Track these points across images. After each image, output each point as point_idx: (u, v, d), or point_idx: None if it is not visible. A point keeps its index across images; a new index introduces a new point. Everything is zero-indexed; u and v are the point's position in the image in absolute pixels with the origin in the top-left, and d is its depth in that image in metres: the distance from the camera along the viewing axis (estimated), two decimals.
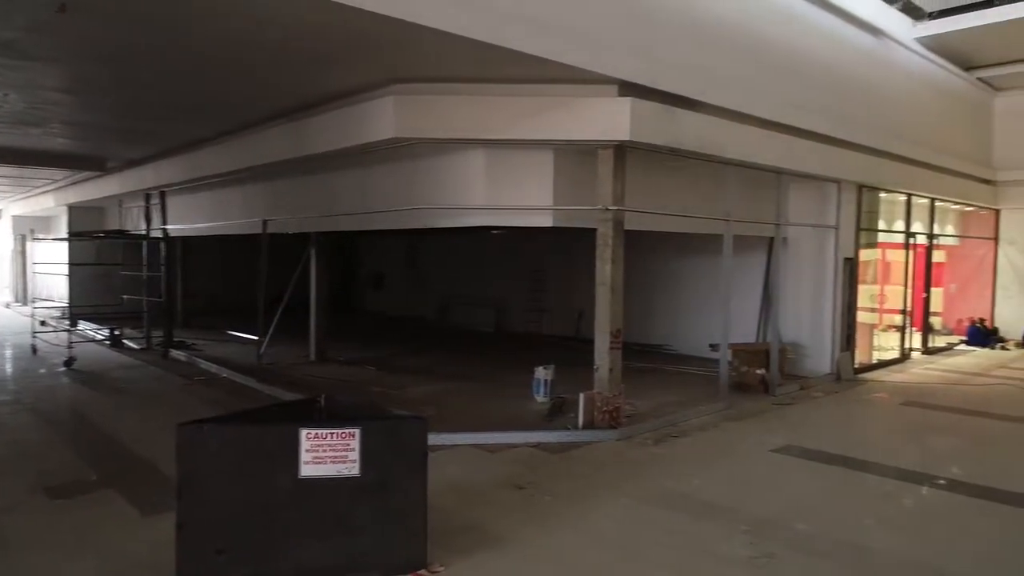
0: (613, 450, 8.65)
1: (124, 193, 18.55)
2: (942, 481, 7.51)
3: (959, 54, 16.21)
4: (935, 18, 14.09)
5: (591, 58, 8.09)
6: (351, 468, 5.09)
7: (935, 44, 15.30)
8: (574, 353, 14.58)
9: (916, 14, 13.95)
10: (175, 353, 15.34)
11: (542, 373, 11.26)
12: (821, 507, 6.81)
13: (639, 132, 8.74)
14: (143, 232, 17.48)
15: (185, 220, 16.84)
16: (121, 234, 18.75)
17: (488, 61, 7.90)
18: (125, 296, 17.54)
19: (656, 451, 8.61)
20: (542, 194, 9.58)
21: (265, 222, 13.00)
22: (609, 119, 8.72)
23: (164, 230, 17.18)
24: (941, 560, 5.56)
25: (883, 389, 12.82)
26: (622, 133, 8.68)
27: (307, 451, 5.05)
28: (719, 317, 14.15)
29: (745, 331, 14.15)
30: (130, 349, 16.35)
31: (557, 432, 9.15)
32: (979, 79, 17.79)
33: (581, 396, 9.42)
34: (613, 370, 9.45)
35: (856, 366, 13.99)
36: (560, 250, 17.52)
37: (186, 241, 18.51)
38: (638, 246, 15.25)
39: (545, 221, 9.70)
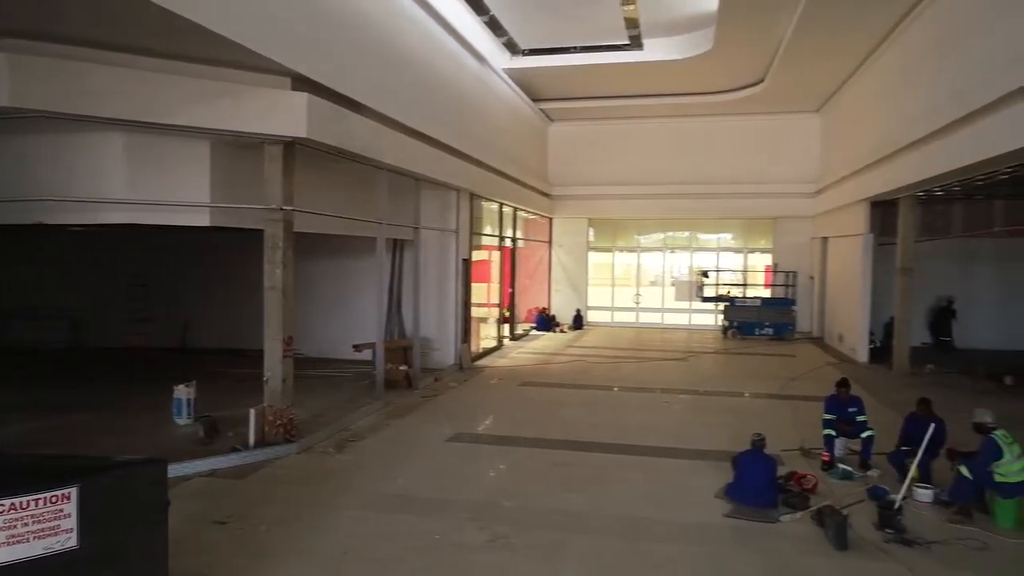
0: (300, 464, 8.17)
1: None
2: (589, 444, 9.10)
3: (531, 87, 19.38)
4: (527, 55, 16.60)
5: (270, 45, 7.47)
6: (66, 540, 3.94)
7: (517, 76, 18.02)
8: (185, 367, 13.15)
9: (514, 49, 16.23)
10: None
11: (184, 392, 9.93)
12: (515, 484, 7.59)
13: (315, 130, 8.40)
14: None
15: None
16: None
17: (147, 28, 6.69)
18: None
19: (344, 458, 8.42)
20: (196, 189, 8.49)
21: None
22: (284, 114, 8.18)
23: None
24: (632, 510, 6.80)
25: (498, 374, 14.63)
26: (299, 129, 8.23)
27: None
28: (354, 318, 14.50)
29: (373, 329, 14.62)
30: None
31: (230, 455, 8.22)
32: (541, 110, 21.49)
33: (252, 411, 8.64)
34: (287, 380, 8.91)
35: (471, 355, 15.68)
36: (164, 251, 15.49)
37: None
38: (254, 247, 14.50)
39: (201, 220, 8.59)
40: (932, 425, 7.05)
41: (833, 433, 8.18)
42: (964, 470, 6.65)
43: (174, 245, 15.14)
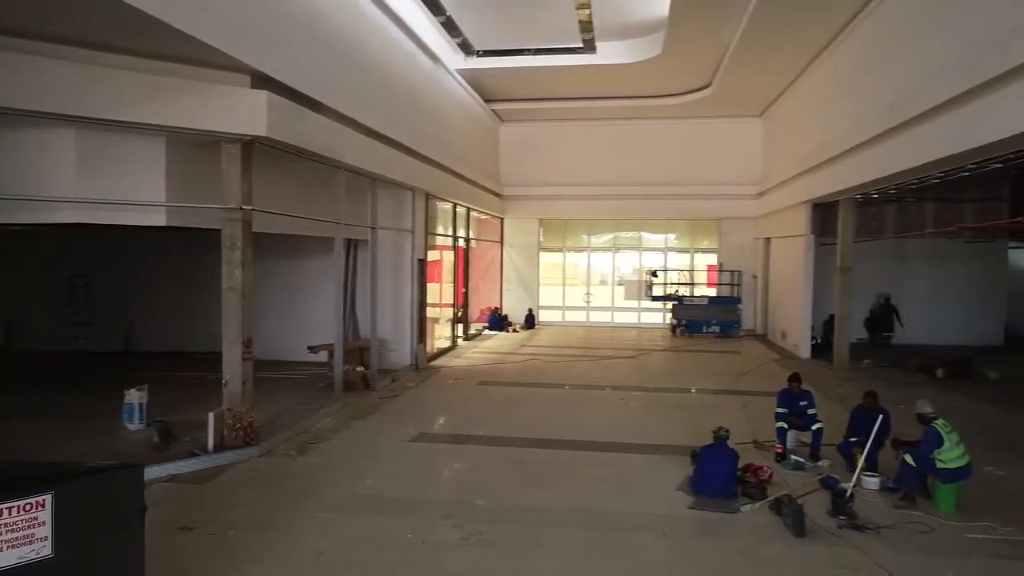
0: (263, 468, 8.06)
1: None
2: (551, 441, 9.24)
3: (483, 88, 19.46)
4: (481, 56, 16.66)
5: (230, 41, 7.33)
6: (40, 549, 3.85)
7: (469, 77, 18.08)
8: (129, 371, 12.84)
9: (468, 50, 16.28)
10: None
11: (136, 397, 9.68)
12: (483, 482, 7.64)
13: (276, 129, 8.29)
14: None
15: None
16: None
17: (104, 22, 6.52)
18: None
19: (308, 461, 8.34)
20: (152, 188, 8.29)
21: None
22: (244, 111, 8.04)
23: None
24: (599, 504, 6.97)
25: (455, 374, 14.65)
26: (259, 128, 8.10)
27: None
28: (307, 319, 14.35)
29: (326, 329, 14.44)
30: None
31: (189, 460, 8.04)
32: (493, 110, 21.59)
33: (210, 415, 8.48)
34: (246, 383, 8.76)
35: (427, 355, 15.66)
36: (105, 251, 14.98)
37: None
38: (200, 247, 14.13)
39: (157, 220, 8.39)
40: (881, 416, 7.45)
41: (785, 426, 8.53)
42: (908, 458, 7.05)
43: (116, 244, 14.68)
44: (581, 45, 16.15)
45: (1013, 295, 19.58)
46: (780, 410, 8.66)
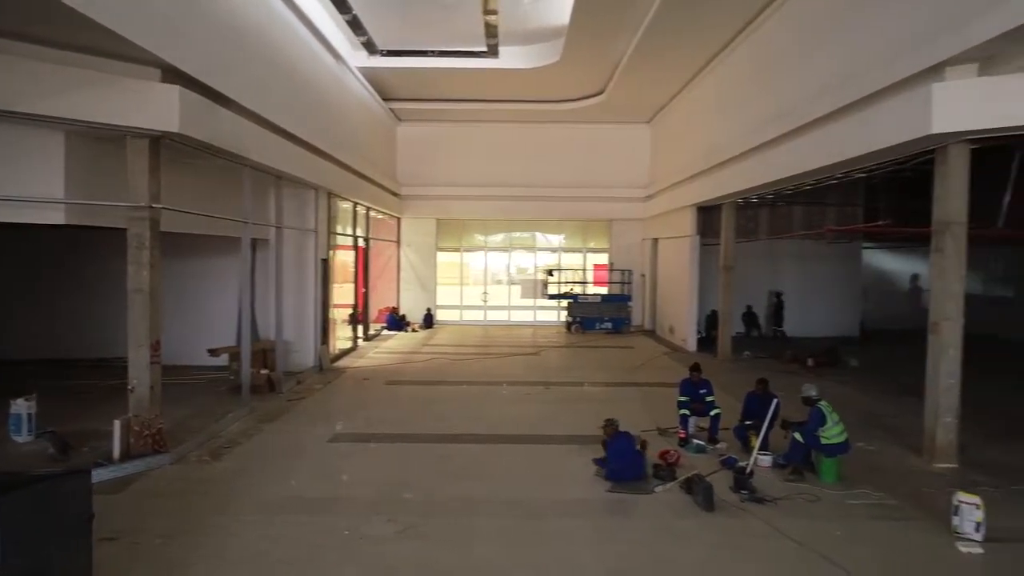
0: (178, 475, 7.81)
1: None
2: (466, 436, 9.50)
3: (382, 87, 19.38)
4: (384, 55, 16.59)
5: (140, 31, 7.06)
6: None
7: (370, 75, 17.97)
8: (4, 381, 11.95)
9: (372, 48, 16.16)
10: None
11: (23, 407, 9.11)
12: (407, 478, 7.76)
13: (188, 125, 8.04)
14: None
15: None
16: None
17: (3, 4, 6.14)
18: None
19: (225, 465, 8.15)
20: (49, 184, 7.82)
21: None
22: (156, 106, 7.75)
23: None
24: (523, 493, 7.30)
25: (360, 374, 14.56)
26: (171, 124, 7.84)
27: None
28: (204, 321, 13.86)
29: (224, 332, 14.01)
30: None
31: (96, 471, 7.61)
32: (391, 109, 21.51)
33: (116, 423, 8.12)
34: (154, 388, 8.46)
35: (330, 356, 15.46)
36: None
37: None
38: (85, 249, 13.39)
39: (56, 218, 7.92)
40: (775, 401, 8.26)
41: (688, 413, 9.23)
42: (798, 436, 7.88)
43: None
44: (485, 49, 16.48)
45: (866, 291, 21.80)
46: (683, 398, 9.34)
